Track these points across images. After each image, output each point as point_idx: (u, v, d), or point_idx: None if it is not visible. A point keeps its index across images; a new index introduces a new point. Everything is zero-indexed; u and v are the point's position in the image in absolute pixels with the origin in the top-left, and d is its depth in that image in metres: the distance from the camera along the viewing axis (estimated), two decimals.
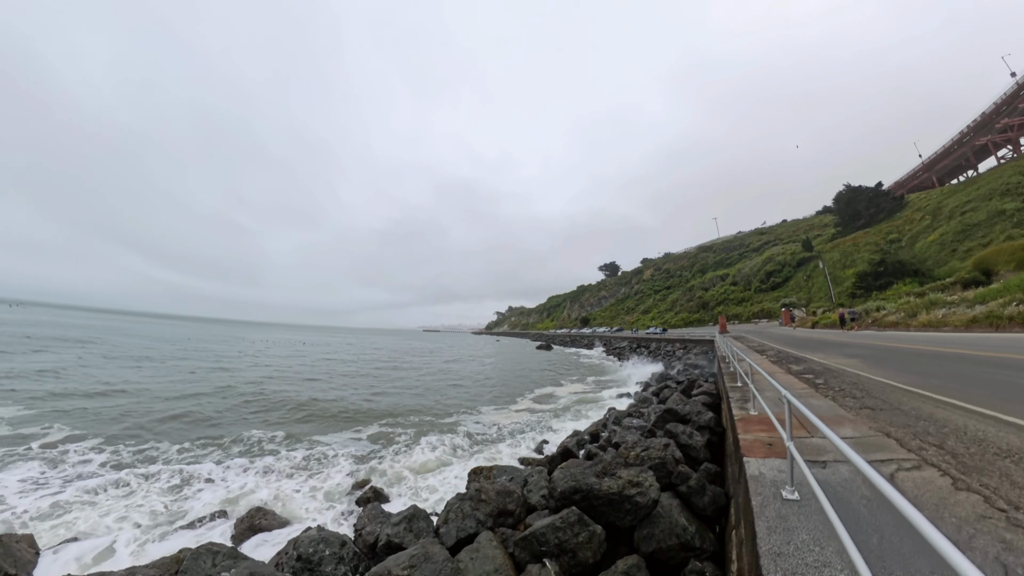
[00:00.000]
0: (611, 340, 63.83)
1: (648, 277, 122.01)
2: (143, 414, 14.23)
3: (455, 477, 9.47)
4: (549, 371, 31.92)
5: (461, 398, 19.79)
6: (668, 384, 15.63)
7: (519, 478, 7.36)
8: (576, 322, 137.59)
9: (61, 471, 9.40)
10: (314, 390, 20.72)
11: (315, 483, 9.15)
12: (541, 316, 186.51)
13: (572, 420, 14.99)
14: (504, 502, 5.84)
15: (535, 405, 18.03)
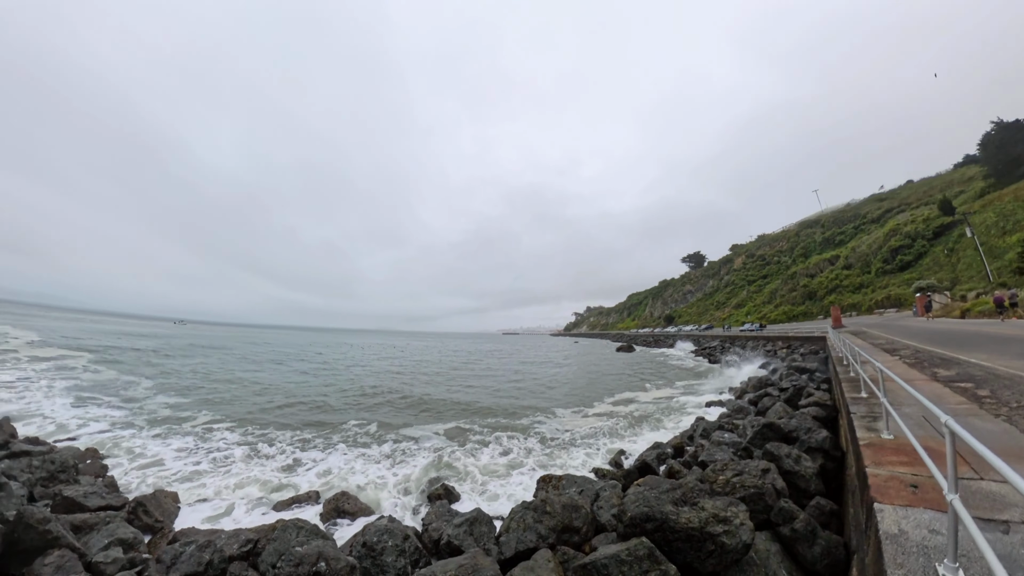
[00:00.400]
0: (700, 339, 58.30)
1: (740, 265, 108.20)
2: (267, 404, 17.08)
3: (523, 482, 9.31)
4: (629, 374, 30.14)
5: (536, 400, 19.58)
6: (768, 391, 13.43)
7: (590, 491, 6.89)
8: (659, 321, 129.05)
9: (202, 446, 11.61)
10: (404, 387, 22.69)
11: (395, 475, 9.85)
12: (621, 315, 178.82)
13: (652, 430, 13.77)
14: (570, 517, 5.43)
15: (613, 410, 16.96)
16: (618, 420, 15.07)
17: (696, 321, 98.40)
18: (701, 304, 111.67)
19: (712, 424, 10.92)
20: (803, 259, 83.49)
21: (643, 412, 16.37)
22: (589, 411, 17.09)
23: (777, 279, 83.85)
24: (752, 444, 7.33)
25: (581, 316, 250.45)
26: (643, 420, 15.00)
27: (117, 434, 12.11)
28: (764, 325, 56.90)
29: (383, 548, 4.84)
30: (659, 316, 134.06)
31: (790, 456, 5.73)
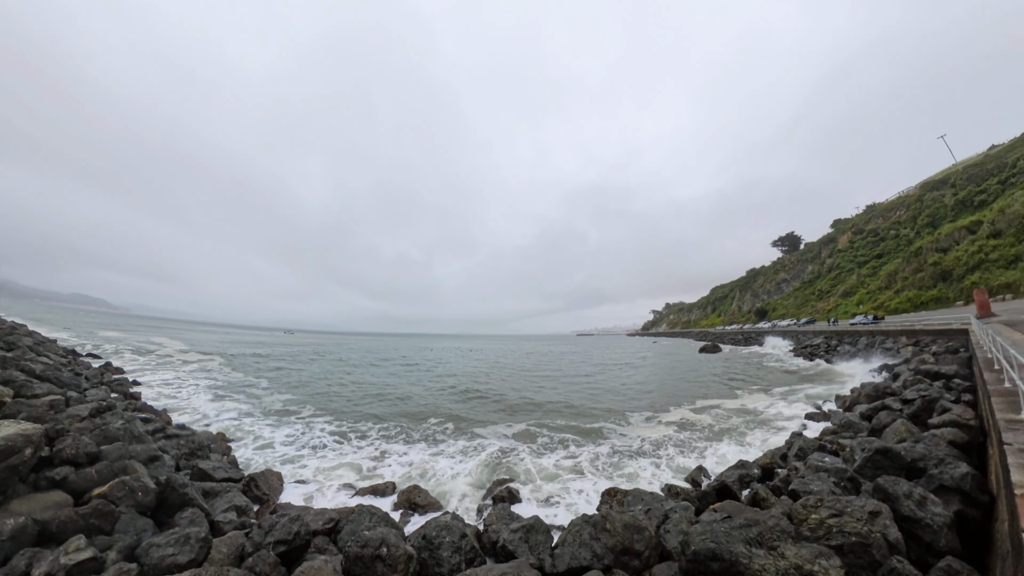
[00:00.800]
0: (799, 336, 50.53)
1: (845, 245, 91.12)
2: (360, 401, 19.35)
3: (586, 491, 9.08)
4: (714, 377, 27.57)
5: (607, 404, 18.91)
6: (887, 403, 10.84)
7: (657, 511, 6.39)
8: (749, 315, 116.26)
9: (306, 434, 13.48)
10: (478, 387, 23.74)
11: (465, 473, 10.23)
12: (704, 311, 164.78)
13: (737, 444, 12.35)
14: (631, 539, 5.08)
15: (693, 419, 15.62)
16: (697, 430, 13.89)
17: (794, 315, 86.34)
18: (799, 294, 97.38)
19: (811, 443, 9.32)
20: (930, 230, 65.79)
21: (727, 422, 14.82)
22: (664, 418, 15.99)
23: (896, 258, 67.92)
24: (860, 474, 6.09)
25: (659, 314, 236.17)
26: (727, 432, 13.55)
27: (241, 422, 14.51)
28: (881, 317, 47.11)
29: (440, 543, 5.07)
30: (749, 310, 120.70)
31: (911, 496, 4.59)
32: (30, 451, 5.30)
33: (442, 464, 10.90)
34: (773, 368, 30.53)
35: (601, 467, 10.55)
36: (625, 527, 5.15)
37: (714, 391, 21.94)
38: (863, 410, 11.38)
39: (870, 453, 6.32)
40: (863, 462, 6.31)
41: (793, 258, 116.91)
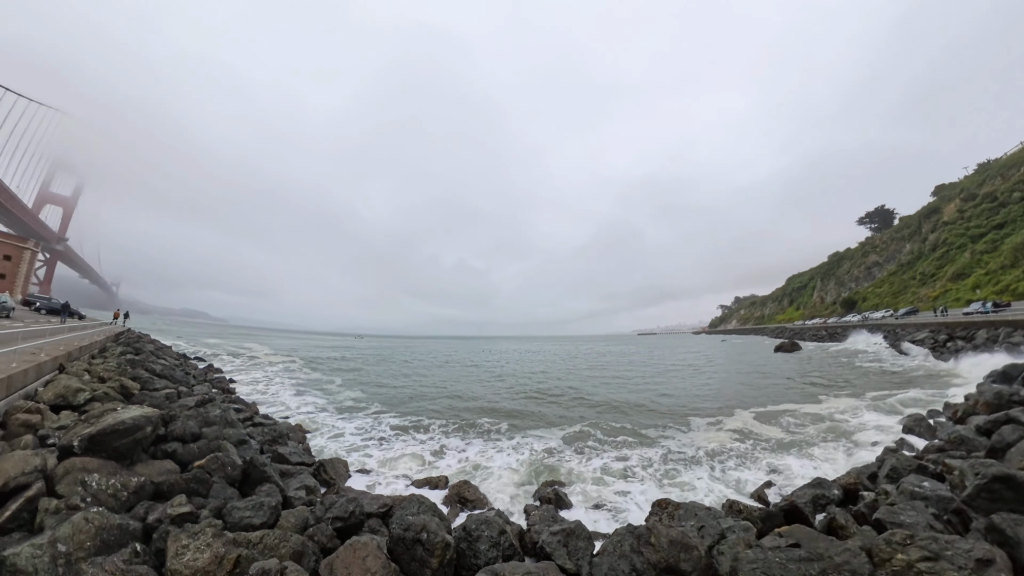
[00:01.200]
0: (896, 330, 42.92)
1: (953, 215, 75.40)
2: (422, 398, 20.74)
3: (637, 500, 8.70)
4: (788, 380, 24.88)
5: (667, 407, 18.01)
6: (1013, 415, 8.53)
7: (712, 529, 5.78)
8: (834, 307, 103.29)
9: (373, 427, 14.74)
10: (535, 387, 24.13)
11: (514, 472, 10.36)
12: (780, 305, 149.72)
13: (813, 459, 10.91)
14: (677, 557, 4.72)
15: (760, 427, 14.18)
16: (764, 440, 12.66)
17: (890, 305, 74.54)
18: (895, 280, 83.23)
19: (908, 461, 7.81)
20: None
21: (803, 432, 13.31)
22: (728, 424, 14.81)
23: None
24: (970, 506, 5.09)
25: (729, 309, 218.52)
26: (801, 444, 12.13)
27: (317, 416, 16.15)
28: (1005, 303, 37.72)
29: (479, 536, 5.20)
30: (833, 302, 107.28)
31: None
32: (150, 429, 6.42)
33: (494, 461, 11.15)
34: (864, 369, 26.87)
35: (653, 474, 10.08)
36: (671, 543, 4.82)
37: (788, 395, 19.85)
38: (980, 423, 9.36)
39: (986, 480, 5.26)
40: (975, 491, 5.28)
41: (886, 237, 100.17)
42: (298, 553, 4.43)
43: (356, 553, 4.26)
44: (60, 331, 18.12)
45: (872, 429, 13.06)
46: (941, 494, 5.84)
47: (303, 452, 10.10)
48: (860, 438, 12.32)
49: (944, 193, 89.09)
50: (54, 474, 5.07)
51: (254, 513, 5.18)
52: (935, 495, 5.84)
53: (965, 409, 12.28)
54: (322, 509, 5.72)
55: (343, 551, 4.35)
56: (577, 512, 7.94)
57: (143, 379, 13.65)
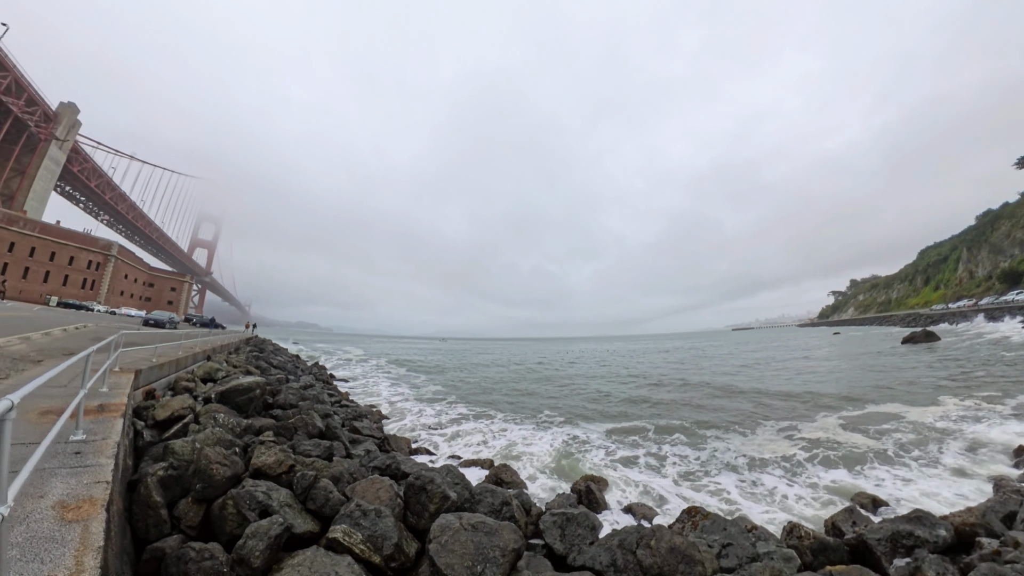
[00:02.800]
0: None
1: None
2: (494, 391, 22.65)
3: (672, 504, 7.96)
4: (911, 375, 20.89)
5: (738, 408, 16.20)
6: None
7: (742, 551, 4.84)
8: (989, 283, 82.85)
9: (445, 414, 16.58)
10: (602, 387, 23.70)
11: (557, 462, 10.56)
12: (912, 285, 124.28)
13: (917, 479, 8.50)
14: (673, 567, 4.23)
15: (846, 436, 11.63)
16: (851, 449, 10.57)
17: None
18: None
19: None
20: None
21: (909, 444, 10.53)
22: (806, 430, 12.52)
23: None
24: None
25: (843, 295, 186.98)
26: (903, 459, 9.65)
27: (398, 403, 18.55)
28: None
29: (480, 500, 5.67)
30: (987, 276, 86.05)
31: None
32: (259, 391, 8.58)
33: (541, 450, 11.43)
34: None
35: (697, 480, 9.21)
36: (671, 551, 4.36)
37: (905, 396, 16.05)
38: None
39: None
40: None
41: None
42: (335, 477, 5.71)
43: (373, 485, 5.41)
44: (210, 337, 23.26)
45: None
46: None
47: (375, 429, 11.55)
48: (994, 462, 9.24)
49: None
50: (198, 411, 7.11)
51: (313, 448, 6.82)
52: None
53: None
54: (368, 459, 7.09)
55: (365, 482, 5.49)
56: (609, 512, 7.46)
57: (263, 367, 17.00)
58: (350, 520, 4.26)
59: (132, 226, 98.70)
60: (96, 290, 62.19)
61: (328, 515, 4.61)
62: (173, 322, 31.57)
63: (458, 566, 3.44)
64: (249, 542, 3.65)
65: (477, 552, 3.60)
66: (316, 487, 4.87)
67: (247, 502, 4.26)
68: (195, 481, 4.46)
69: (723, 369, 30.04)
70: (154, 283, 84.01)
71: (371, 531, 4.13)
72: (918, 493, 8.01)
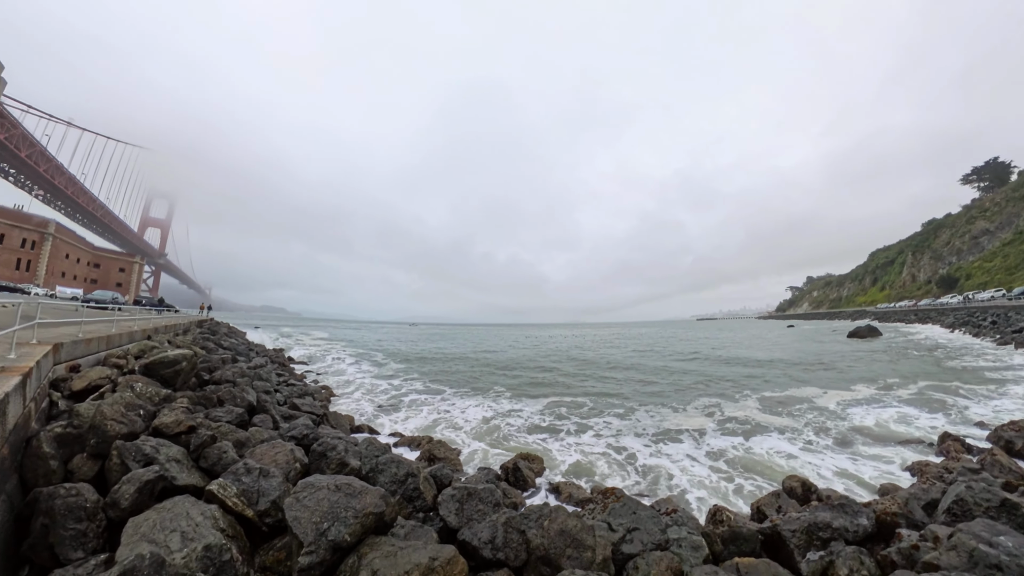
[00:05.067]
0: (1008, 314, 35.04)
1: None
2: (449, 371, 22.73)
3: (603, 479, 8.10)
4: (842, 365, 22.56)
5: (682, 392, 16.67)
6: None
7: (650, 535, 4.58)
8: (928, 287, 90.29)
9: (392, 392, 16.46)
10: (545, 362, 24.82)
11: (492, 438, 10.74)
12: (861, 284, 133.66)
13: (845, 463, 8.71)
14: (560, 550, 4.04)
15: (782, 422, 11.97)
16: (803, 433, 10.83)
17: (1002, 283, 63.89)
18: (1011, 251, 70.22)
19: (987, 494, 4.97)
20: None
21: (849, 430, 10.88)
22: (739, 411, 13.23)
23: None
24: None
25: (799, 291, 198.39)
26: (839, 446, 9.85)
27: (354, 383, 18.27)
28: None
29: (383, 471, 5.62)
30: (927, 279, 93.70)
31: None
32: (185, 364, 8.41)
33: (482, 427, 11.57)
34: (949, 360, 22.36)
35: (634, 459, 9.21)
36: (560, 534, 4.18)
37: (835, 383, 17.26)
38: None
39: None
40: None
41: (999, 198, 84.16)
42: (241, 441, 5.86)
43: (273, 448, 5.56)
44: (154, 317, 22.19)
45: (921, 432, 10.43)
46: (992, 544, 3.68)
47: (317, 407, 11.00)
48: (922, 444, 9.59)
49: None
50: (117, 381, 6.95)
51: (225, 415, 6.92)
52: (1017, 566, 3.54)
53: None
54: (287, 429, 7.17)
55: (266, 445, 5.62)
56: (535, 491, 7.38)
57: (210, 348, 16.44)
58: (233, 476, 4.37)
59: (72, 202, 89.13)
60: (32, 271, 57.61)
61: (219, 473, 4.73)
62: (117, 302, 29.85)
63: (305, 521, 3.53)
64: (123, 487, 3.78)
65: (330, 510, 3.68)
66: (211, 447, 4.99)
67: (132, 454, 4.31)
68: (90, 437, 4.47)
69: (678, 354, 31.49)
70: (100, 264, 78.53)
71: (249, 487, 4.25)
72: (840, 476, 8.19)
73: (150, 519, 3.40)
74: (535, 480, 7.62)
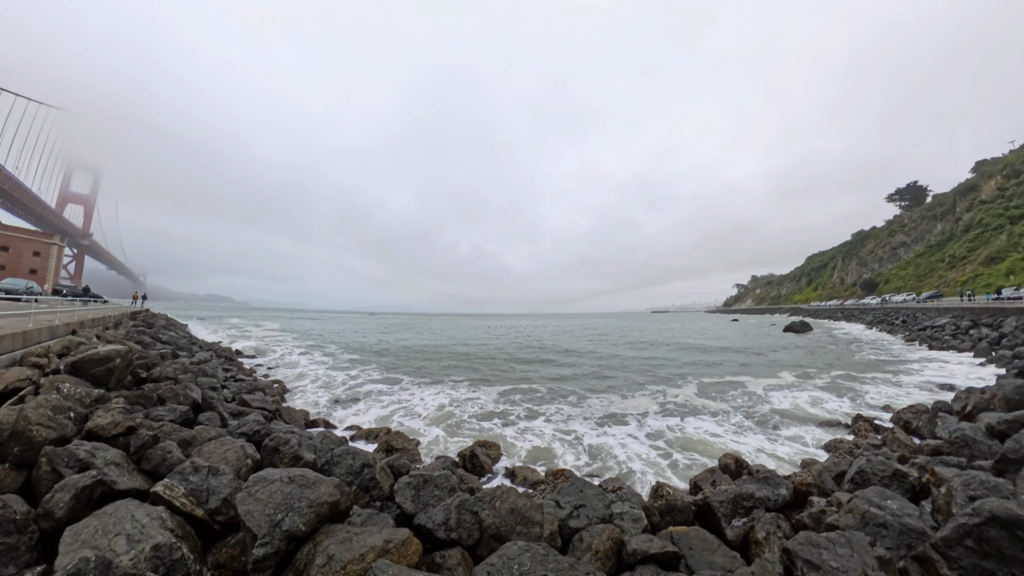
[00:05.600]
0: (916, 315, 40.32)
1: (992, 194, 72.28)
2: (406, 362, 22.53)
3: (557, 461, 8.49)
4: (773, 355, 25.03)
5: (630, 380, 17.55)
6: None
7: (595, 511, 4.91)
8: (854, 289, 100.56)
9: (348, 385, 16.02)
10: (504, 352, 25.10)
11: (449, 426, 10.88)
12: (798, 284, 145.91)
13: (774, 443, 9.53)
14: (510, 528, 4.29)
15: (715, 406, 13.01)
16: (733, 416, 11.78)
17: (913, 288, 72.54)
18: (922, 261, 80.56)
19: (882, 465, 5.58)
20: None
21: (763, 411, 12.11)
22: (681, 395, 14.36)
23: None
24: (945, 555, 3.64)
25: (744, 288, 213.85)
26: (761, 425, 10.87)
27: (308, 377, 17.53)
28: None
29: (338, 462, 5.59)
30: (853, 283, 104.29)
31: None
32: (119, 360, 7.85)
33: (439, 415, 11.81)
34: (864, 352, 25.09)
35: (579, 444, 9.64)
36: (511, 512, 4.42)
37: (765, 371, 19.13)
38: (994, 421, 7.07)
39: (978, 521, 3.52)
40: (958, 534, 3.59)
41: (915, 215, 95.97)
42: (186, 440, 5.71)
43: (223, 446, 5.48)
44: (79, 309, 20.10)
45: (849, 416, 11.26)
46: (908, 523, 4.11)
47: (269, 402, 10.59)
48: (838, 424, 10.72)
49: (984, 169, 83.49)
50: (40, 383, 6.41)
51: (168, 413, 6.69)
52: (898, 523, 4.10)
53: (977, 403, 9.64)
54: (236, 426, 6.97)
55: (214, 443, 5.53)
56: (492, 476, 7.61)
57: (146, 343, 15.26)
58: (180, 476, 4.30)
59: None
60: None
61: (164, 474, 4.59)
62: (32, 292, 26.64)
63: (258, 513, 3.57)
64: (56, 495, 3.60)
65: (283, 502, 3.73)
66: (154, 448, 4.84)
67: (65, 459, 4.10)
68: (12, 445, 4.16)
69: (631, 344, 33.18)
70: (9, 246, 68.98)
71: (198, 486, 4.20)
72: (766, 454, 9.01)
73: (90, 525, 3.29)
74: (492, 466, 7.89)
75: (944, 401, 11.00)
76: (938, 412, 9.96)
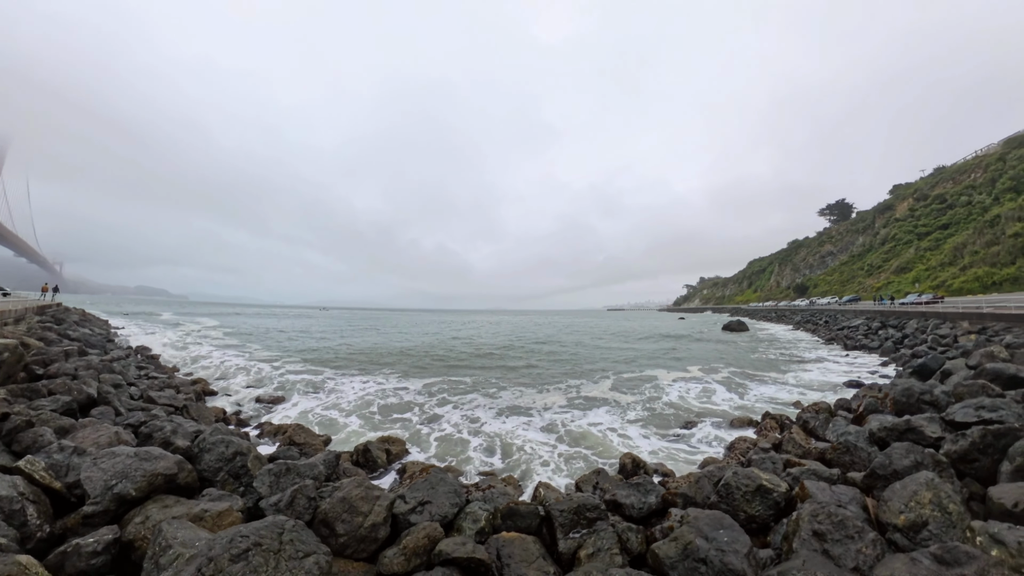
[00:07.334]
0: (837, 316, 44.64)
1: (904, 213, 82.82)
2: (345, 356, 22.19)
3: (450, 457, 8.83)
4: (694, 349, 27.47)
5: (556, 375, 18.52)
6: (915, 425, 6.45)
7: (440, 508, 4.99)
8: (787, 292, 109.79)
9: (272, 381, 15.73)
10: (447, 346, 25.15)
11: (367, 419, 11.36)
12: (740, 286, 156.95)
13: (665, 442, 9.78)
14: (337, 515, 4.48)
15: (624, 398, 13.74)
16: (647, 412, 12.09)
17: (837, 292, 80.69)
18: (846, 269, 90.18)
19: (745, 479, 5.19)
20: (1013, 195, 58.07)
21: (665, 405, 12.73)
22: (598, 390, 15.12)
23: (966, 228, 60.17)
24: None
25: (693, 288, 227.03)
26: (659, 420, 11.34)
27: (232, 373, 17.20)
28: (941, 297, 40.85)
29: (210, 449, 5.77)
30: (787, 286, 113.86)
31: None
32: (8, 356, 7.67)
33: (356, 407, 12.32)
34: (774, 351, 27.33)
35: (493, 440, 9.82)
36: (342, 501, 4.57)
37: (679, 365, 21.01)
38: (876, 428, 6.77)
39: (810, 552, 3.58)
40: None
41: (842, 228, 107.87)
42: (63, 428, 6.01)
43: (97, 431, 5.93)
44: None
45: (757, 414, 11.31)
46: (730, 564, 3.69)
47: (179, 399, 10.22)
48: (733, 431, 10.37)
49: (900, 192, 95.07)
50: None
51: (50, 403, 6.93)
52: (720, 562, 3.72)
53: (869, 404, 9.02)
54: (125, 417, 7.30)
55: (88, 430, 5.92)
56: (384, 471, 7.75)
57: (51, 340, 14.29)
58: (45, 454, 4.68)
59: None
60: None
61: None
62: None
63: (96, 479, 4.08)
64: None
65: (122, 471, 4.24)
66: (26, 431, 5.11)
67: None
68: None
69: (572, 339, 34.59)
70: None
71: (60, 462, 4.61)
72: (662, 451, 9.06)
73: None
74: (388, 461, 8.02)
75: (846, 399, 11.10)
76: (838, 411, 9.73)
